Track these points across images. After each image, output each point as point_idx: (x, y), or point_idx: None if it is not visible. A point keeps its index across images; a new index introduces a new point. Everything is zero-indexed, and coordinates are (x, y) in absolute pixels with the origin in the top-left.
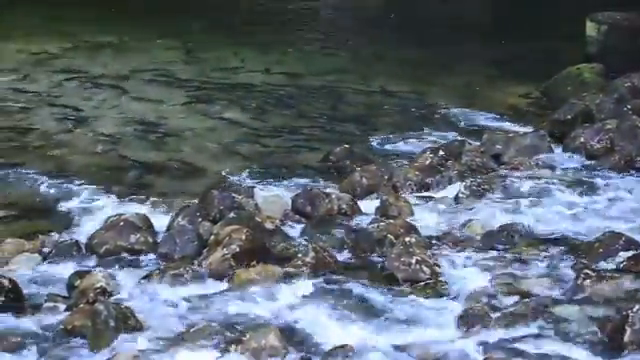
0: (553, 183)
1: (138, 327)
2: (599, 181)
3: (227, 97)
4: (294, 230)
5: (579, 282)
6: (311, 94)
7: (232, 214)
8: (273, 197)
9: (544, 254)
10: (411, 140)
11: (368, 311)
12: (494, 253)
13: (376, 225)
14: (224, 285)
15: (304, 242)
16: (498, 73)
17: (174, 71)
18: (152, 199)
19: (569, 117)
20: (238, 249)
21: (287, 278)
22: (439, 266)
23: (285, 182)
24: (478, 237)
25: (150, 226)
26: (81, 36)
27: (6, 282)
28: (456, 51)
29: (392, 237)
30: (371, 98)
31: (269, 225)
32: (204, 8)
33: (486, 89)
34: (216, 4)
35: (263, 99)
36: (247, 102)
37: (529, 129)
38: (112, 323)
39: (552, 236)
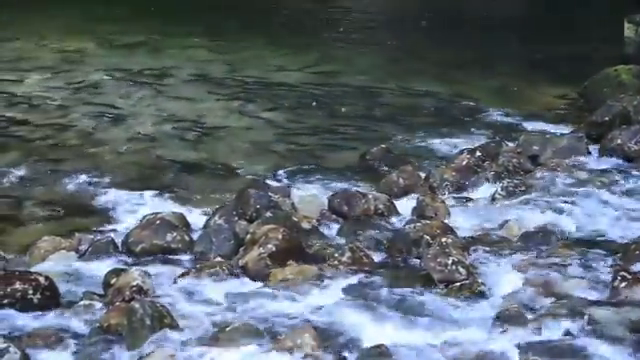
0: (590, 185)
1: (174, 326)
2: (636, 183)
3: (263, 96)
4: (330, 230)
5: (615, 284)
6: (347, 94)
7: (269, 213)
8: (310, 197)
9: (580, 256)
10: (448, 140)
11: (404, 311)
12: (530, 254)
13: (412, 225)
14: (260, 284)
15: (340, 242)
16: (535, 74)
17: (210, 70)
18: (188, 198)
19: (606, 119)
20: (274, 248)
21: (323, 278)
22: (475, 267)
23: (322, 182)
24: (514, 238)
25: (186, 225)
26: (118, 34)
27: (42, 280)
28: (492, 51)
29: (428, 238)
30: (408, 98)
31: (305, 225)
32: (241, 8)
33: (523, 90)
34: (252, 4)
35: (299, 98)
36: (283, 101)
37: (566, 130)
38: (148, 322)
39: (589, 238)
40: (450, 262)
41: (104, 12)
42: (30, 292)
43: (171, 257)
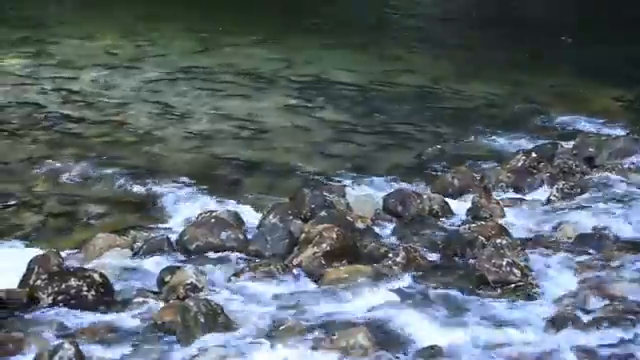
0: None
1: (227, 324)
2: None
3: (319, 95)
4: (385, 230)
5: None
6: (402, 94)
7: (323, 213)
8: (364, 196)
9: (635, 258)
10: (503, 141)
11: (458, 312)
12: (585, 256)
13: (467, 226)
14: (314, 283)
15: (395, 242)
16: (590, 75)
17: (266, 69)
18: (243, 196)
19: None
20: (329, 248)
21: (377, 278)
22: (530, 268)
23: (376, 181)
24: (569, 240)
25: (241, 223)
26: (174, 33)
27: (97, 276)
28: (546, 52)
29: (483, 239)
30: (463, 98)
31: (360, 224)
32: (298, 8)
33: (578, 91)
34: (310, 4)
35: (355, 98)
36: (339, 101)
37: (622, 132)
38: (202, 319)
39: None
40: (505, 263)
41: (163, 12)
42: (85, 289)
43: (226, 255)
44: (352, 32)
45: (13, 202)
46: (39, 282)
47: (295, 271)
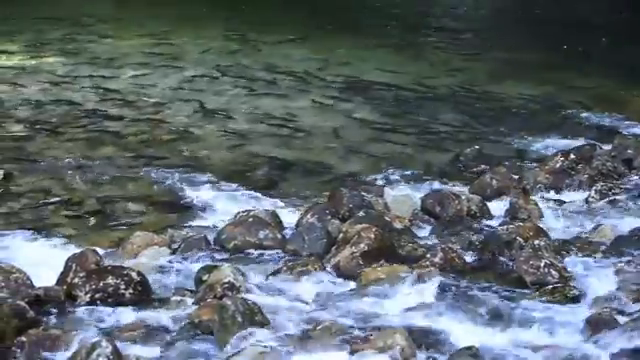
0: None
1: (265, 323)
2: None
3: (357, 95)
4: (423, 230)
5: None
6: (440, 95)
7: (361, 213)
8: (402, 197)
9: None
10: (541, 142)
11: (495, 313)
12: (623, 258)
13: (505, 227)
14: (351, 283)
15: (432, 242)
16: (629, 76)
17: (305, 68)
18: (281, 195)
19: None
20: (366, 248)
21: (415, 278)
22: (567, 270)
23: (414, 182)
24: (608, 241)
25: (279, 222)
26: (212, 33)
27: (135, 275)
28: (585, 53)
29: (521, 240)
30: (501, 100)
31: (398, 225)
32: (333, 8)
33: (617, 92)
34: (346, 4)
35: (393, 99)
36: (377, 101)
37: None
38: (239, 318)
39: None
40: (542, 265)
41: (200, 12)
42: (122, 287)
43: (263, 254)
44: (390, 32)
45: (51, 200)
46: (77, 280)
47: (332, 271)
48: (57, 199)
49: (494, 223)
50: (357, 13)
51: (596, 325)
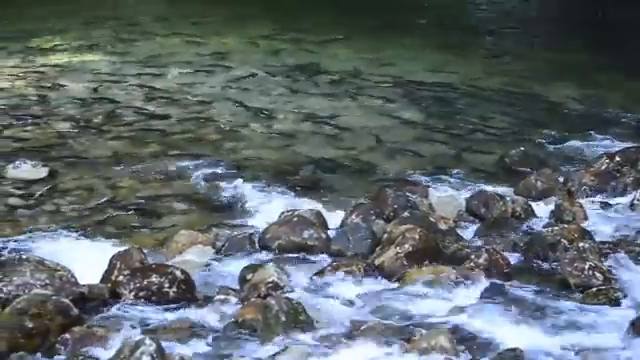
0: None
1: (309, 323)
2: None
3: (403, 96)
4: (467, 231)
5: None
6: (486, 95)
7: (406, 213)
8: (447, 197)
9: None
10: (587, 144)
11: (539, 315)
12: None
13: (550, 229)
14: (396, 284)
15: (477, 244)
16: None
17: (350, 68)
18: (326, 195)
19: None
20: (411, 248)
21: (459, 279)
22: (612, 273)
23: (459, 183)
24: None
25: (323, 222)
26: (258, 33)
27: (179, 273)
28: (630, 54)
29: (566, 242)
30: (547, 101)
31: (442, 225)
32: (376, 7)
33: None
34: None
35: (438, 99)
36: (422, 101)
37: None
38: (283, 318)
39: None
40: (587, 267)
41: (247, 12)
42: (166, 285)
43: (307, 254)
44: (436, 32)
45: (96, 198)
46: (121, 278)
47: (377, 271)
48: (102, 197)
49: (539, 225)
50: (403, 13)
51: None
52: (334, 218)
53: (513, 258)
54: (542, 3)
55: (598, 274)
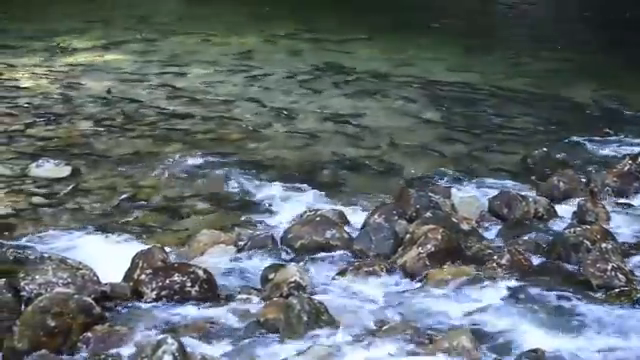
0: None
1: (331, 323)
2: None
3: (425, 96)
4: (490, 232)
5: None
6: (508, 96)
7: (428, 213)
8: (469, 198)
9: None
10: (609, 145)
11: (561, 316)
12: None
13: (572, 230)
14: (418, 284)
15: (499, 244)
16: None
17: (372, 68)
18: (348, 195)
19: None
20: (433, 249)
21: (481, 280)
22: (635, 274)
23: (482, 183)
24: None
25: (346, 222)
26: (280, 32)
27: (201, 272)
28: None
29: (588, 243)
30: (569, 101)
31: (465, 226)
32: (395, 6)
33: None
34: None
35: (460, 99)
36: (444, 102)
37: None
38: (305, 318)
39: None
40: (609, 268)
41: (269, 12)
42: (188, 284)
43: (330, 254)
44: (457, 32)
45: (119, 197)
46: (143, 277)
47: (399, 271)
48: (124, 196)
49: (561, 225)
50: (425, 13)
51: None
52: (356, 218)
53: (535, 259)
54: (565, 2)
55: (620, 275)
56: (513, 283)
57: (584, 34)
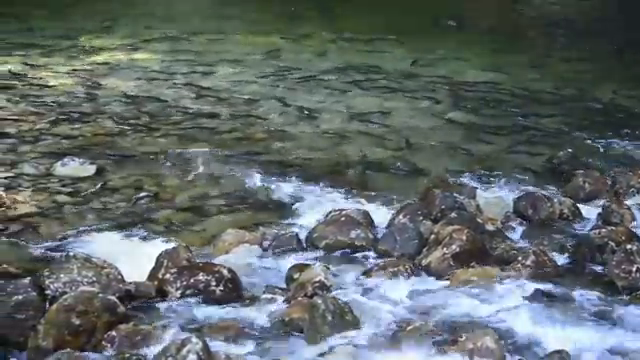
0: None
1: (355, 323)
2: None
3: (450, 97)
4: (514, 233)
5: None
6: (535, 97)
7: (453, 214)
8: (495, 199)
9: None
10: (635, 147)
11: (586, 317)
12: None
13: (597, 231)
14: (442, 284)
15: (524, 245)
16: None
17: (398, 69)
18: (373, 195)
19: None
20: (458, 249)
21: (506, 280)
22: None
23: (507, 184)
24: None
25: (371, 222)
26: (306, 31)
27: (226, 272)
28: None
29: (613, 244)
30: (597, 103)
31: (490, 227)
32: (432, 8)
33: None
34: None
35: (486, 100)
36: (470, 102)
37: None
38: (329, 317)
39: None
40: (634, 269)
41: (296, 11)
42: (213, 284)
43: (355, 254)
44: (487, 32)
45: (144, 196)
46: (168, 276)
47: (424, 271)
48: (149, 195)
49: (586, 226)
50: (452, 14)
51: None
52: (381, 218)
53: (560, 260)
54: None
55: None
56: (538, 284)
57: (620, 33)
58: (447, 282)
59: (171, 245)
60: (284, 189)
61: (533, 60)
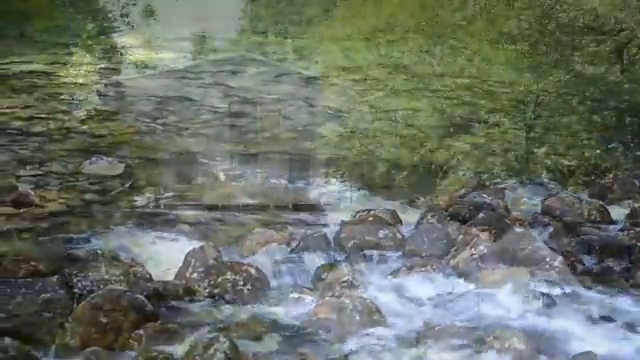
0: None
1: (382, 322)
2: None
3: (479, 97)
4: (543, 234)
5: None
6: (565, 98)
7: (482, 214)
8: (523, 199)
9: None
10: None
11: (613, 319)
12: None
13: (625, 232)
14: (470, 285)
15: (552, 246)
16: None
17: (430, 69)
18: (401, 195)
19: None
20: (486, 250)
21: (533, 281)
22: None
23: (535, 185)
24: None
25: (399, 222)
26: (333, 31)
27: (253, 271)
28: None
29: None
30: (625, 105)
31: (518, 227)
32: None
33: None
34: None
35: (515, 101)
36: (499, 103)
37: None
38: (357, 317)
39: None
40: None
41: (322, 11)
42: (241, 283)
43: (382, 254)
44: (521, 34)
45: (171, 195)
46: (196, 275)
47: (452, 272)
48: (177, 194)
49: (614, 228)
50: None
51: None
52: (409, 218)
53: (588, 261)
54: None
55: None
56: (566, 285)
57: None
58: (475, 283)
59: (199, 244)
60: (311, 189)
61: (566, 62)
